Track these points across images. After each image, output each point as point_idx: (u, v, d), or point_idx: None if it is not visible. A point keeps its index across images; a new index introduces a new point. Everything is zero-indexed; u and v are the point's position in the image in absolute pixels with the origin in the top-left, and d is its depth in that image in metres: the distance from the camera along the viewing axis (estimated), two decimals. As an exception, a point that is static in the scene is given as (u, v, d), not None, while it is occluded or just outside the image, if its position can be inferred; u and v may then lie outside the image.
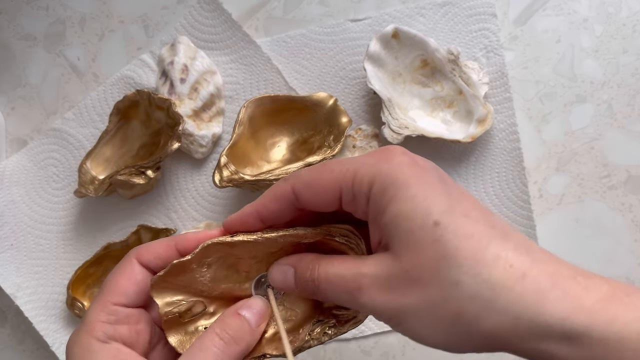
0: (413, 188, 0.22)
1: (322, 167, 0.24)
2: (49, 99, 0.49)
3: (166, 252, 0.26)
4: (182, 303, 0.27)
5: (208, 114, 0.45)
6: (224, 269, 0.28)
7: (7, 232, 0.47)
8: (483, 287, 0.20)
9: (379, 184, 0.22)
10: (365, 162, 0.23)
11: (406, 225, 0.21)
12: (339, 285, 0.24)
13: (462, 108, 0.42)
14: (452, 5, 0.44)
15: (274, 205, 0.25)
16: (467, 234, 0.21)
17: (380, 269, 0.22)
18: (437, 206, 0.21)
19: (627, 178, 0.43)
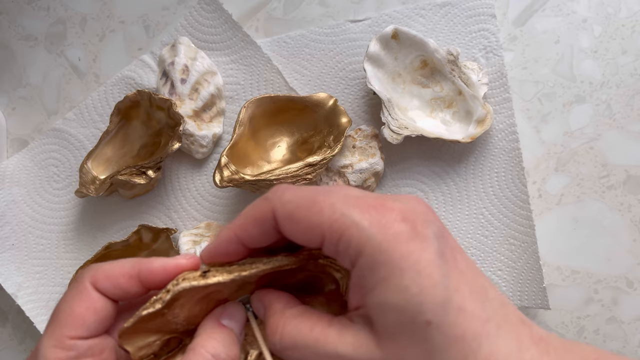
0: (407, 277, 0.20)
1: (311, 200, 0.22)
2: (49, 99, 0.49)
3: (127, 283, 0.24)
4: (156, 343, 0.25)
5: (208, 114, 0.45)
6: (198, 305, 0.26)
7: (8, 232, 0.47)
8: None
9: (368, 257, 0.20)
10: (358, 223, 0.21)
11: (396, 318, 0.20)
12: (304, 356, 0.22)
13: (461, 108, 0.43)
14: (452, 6, 0.44)
15: (255, 229, 0.23)
16: (459, 335, 0.20)
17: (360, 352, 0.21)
18: (431, 302, 0.20)
19: (626, 178, 0.43)
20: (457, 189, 0.43)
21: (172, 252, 0.44)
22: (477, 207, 0.43)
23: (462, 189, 0.43)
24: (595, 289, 0.42)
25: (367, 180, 0.43)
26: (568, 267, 0.43)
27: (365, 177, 0.42)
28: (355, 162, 0.42)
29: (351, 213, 0.21)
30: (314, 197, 0.22)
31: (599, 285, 0.42)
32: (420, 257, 0.20)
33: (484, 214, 0.43)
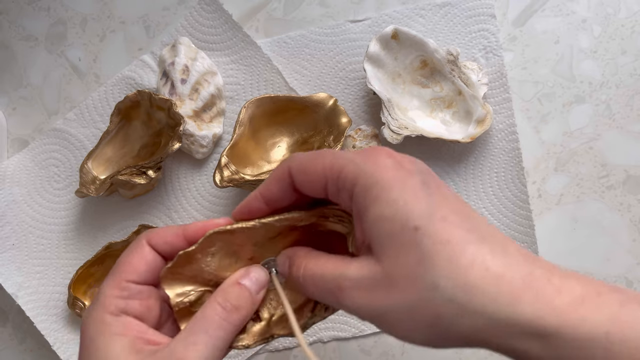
0: (394, 192, 0.22)
1: (317, 154, 0.25)
2: (50, 100, 0.49)
3: (174, 239, 0.27)
4: (192, 293, 0.28)
5: (209, 115, 0.45)
6: (228, 257, 0.29)
7: (8, 232, 0.47)
8: (459, 290, 0.21)
9: (362, 184, 0.23)
10: (353, 160, 0.24)
11: (387, 228, 0.22)
12: (321, 286, 0.25)
13: (461, 108, 0.43)
14: (452, 6, 0.44)
15: (275, 187, 0.26)
16: (444, 239, 0.22)
17: (363, 272, 0.23)
18: (417, 211, 0.22)
19: (625, 178, 0.43)
20: (457, 189, 0.43)
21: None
22: (477, 207, 0.43)
23: (462, 189, 0.43)
24: (594, 288, 0.42)
25: (367, 180, 0.43)
26: (568, 267, 0.42)
27: (365, 177, 0.42)
28: (355, 162, 0.42)
29: (347, 155, 0.24)
30: (319, 152, 0.25)
31: (598, 285, 0.42)
32: (405, 181, 0.23)
33: (483, 213, 0.43)
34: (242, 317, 0.26)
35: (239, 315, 0.26)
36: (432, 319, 0.21)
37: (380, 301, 0.22)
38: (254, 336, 0.28)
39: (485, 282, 0.21)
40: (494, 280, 0.21)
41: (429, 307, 0.21)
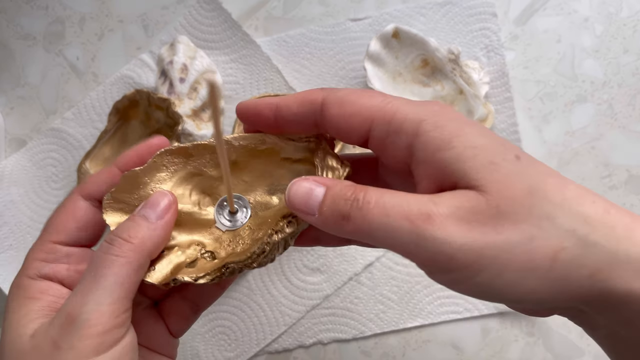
0: (476, 126, 0.20)
1: (362, 92, 0.22)
2: (48, 99, 0.49)
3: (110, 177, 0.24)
4: None
5: (207, 114, 0.45)
6: (182, 185, 0.25)
7: (6, 232, 0.47)
8: (578, 221, 0.18)
9: (430, 122, 0.20)
10: (410, 102, 0.21)
11: (487, 157, 0.19)
12: (397, 212, 0.19)
13: (462, 107, 0.42)
14: (453, 4, 0.44)
15: (297, 107, 0.22)
16: (546, 171, 0.19)
17: (461, 202, 0.19)
18: (509, 145, 0.20)
19: (627, 178, 0.43)
20: (458, 189, 0.43)
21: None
22: (478, 207, 0.43)
23: (463, 189, 0.43)
24: (597, 289, 0.42)
25: (368, 180, 0.42)
26: (570, 268, 0.42)
27: (365, 177, 0.42)
28: (355, 161, 0.42)
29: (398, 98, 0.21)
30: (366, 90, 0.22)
31: (600, 286, 0.42)
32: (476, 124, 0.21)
33: (485, 214, 0.42)
34: (139, 248, 0.22)
35: (134, 247, 0.22)
36: (552, 256, 0.18)
37: (488, 235, 0.18)
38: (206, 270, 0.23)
39: (599, 214, 0.18)
40: (605, 213, 0.19)
41: (549, 239, 0.18)
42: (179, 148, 0.24)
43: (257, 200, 0.26)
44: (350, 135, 0.22)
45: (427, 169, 0.20)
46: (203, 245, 0.25)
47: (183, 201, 0.25)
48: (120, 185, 0.24)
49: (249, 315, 0.44)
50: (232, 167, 0.25)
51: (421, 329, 0.42)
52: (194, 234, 0.25)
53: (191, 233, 0.25)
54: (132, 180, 0.24)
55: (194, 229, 0.25)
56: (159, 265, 0.23)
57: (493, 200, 0.18)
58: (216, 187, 0.26)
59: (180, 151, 0.24)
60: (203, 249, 0.25)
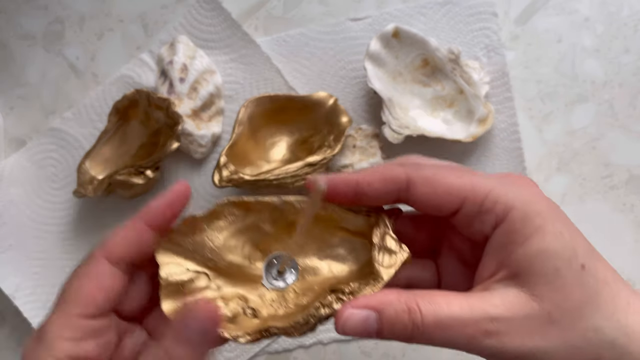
0: (558, 224, 0.21)
1: (448, 168, 0.23)
2: (48, 99, 0.49)
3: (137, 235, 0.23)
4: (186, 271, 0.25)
5: (207, 114, 0.45)
6: (236, 237, 0.26)
7: (6, 232, 0.47)
8: (620, 333, 0.21)
9: (520, 211, 0.21)
10: (501, 181, 0.22)
11: (554, 264, 0.21)
12: (457, 330, 0.20)
13: (462, 107, 0.42)
14: (453, 4, 0.44)
15: (380, 185, 0.23)
16: (605, 279, 0.21)
17: (515, 311, 0.21)
18: (582, 247, 0.21)
19: (628, 178, 0.43)
20: (459, 189, 0.43)
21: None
22: (479, 207, 0.43)
23: (464, 189, 0.43)
24: (597, 289, 0.42)
25: (368, 180, 0.42)
26: (570, 268, 0.42)
27: (365, 177, 0.42)
28: (355, 161, 0.42)
29: (490, 176, 0.22)
30: (450, 166, 0.23)
31: (601, 286, 0.42)
32: (561, 213, 0.22)
33: (485, 214, 0.42)
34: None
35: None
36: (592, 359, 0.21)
37: (534, 341, 0.20)
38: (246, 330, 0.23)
39: (638, 325, 0.21)
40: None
41: (590, 349, 0.20)
42: (242, 201, 0.25)
43: (307, 264, 0.26)
44: (439, 211, 0.23)
45: (493, 256, 0.22)
46: (246, 300, 0.25)
47: (235, 252, 0.26)
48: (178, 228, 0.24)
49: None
50: (287, 227, 0.26)
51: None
52: (239, 287, 0.26)
53: (236, 286, 0.26)
54: (191, 225, 0.24)
55: (240, 282, 0.26)
56: None
57: (546, 308, 0.20)
58: (269, 244, 0.26)
59: (243, 204, 0.25)
60: (246, 304, 0.25)
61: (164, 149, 0.42)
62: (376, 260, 0.23)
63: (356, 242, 0.26)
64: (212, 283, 0.25)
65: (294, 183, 0.40)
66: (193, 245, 0.25)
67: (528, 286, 0.21)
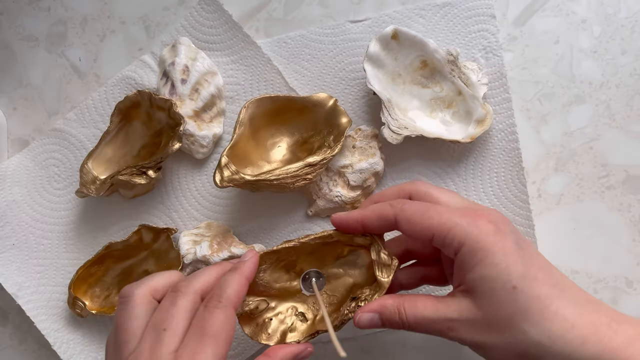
0: (497, 256, 0.29)
1: (424, 212, 0.31)
2: (50, 100, 0.49)
3: (245, 288, 0.33)
4: (250, 303, 0.37)
5: (209, 115, 0.45)
6: (277, 271, 0.37)
7: (8, 231, 0.47)
8: (544, 336, 0.28)
9: (468, 247, 0.30)
10: (459, 223, 0.30)
11: (490, 286, 0.29)
12: (429, 326, 0.31)
13: (461, 108, 0.43)
14: (451, 6, 0.44)
15: (377, 222, 0.33)
16: (535, 295, 0.29)
17: (465, 315, 0.30)
18: (515, 273, 0.29)
19: (625, 178, 0.43)
20: (457, 189, 0.43)
21: (173, 252, 0.44)
22: (477, 207, 0.43)
23: (462, 189, 0.43)
24: (594, 288, 0.42)
25: (367, 180, 0.43)
26: (568, 267, 0.43)
27: (365, 177, 0.42)
28: (355, 162, 0.42)
29: (454, 217, 0.31)
30: (427, 209, 0.32)
31: (598, 285, 0.42)
32: (504, 244, 0.30)
33: (483, 214, 0.43)
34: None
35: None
36: (521, 353, 0.29)
37: (481, 336, 0.30)
38: (302, 333, 0.36)
39: (564, 330, 0.28)
40: (569, 328, 0.28)
41: (519, 345, 0.29)
42: (272, 250, 0.36)
43: (329, 271, 0.38)
44: (419, 239, 0.33)
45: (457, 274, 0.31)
46: (296, 308, 0.38)
47: (278, 280, 0.38)
48: None
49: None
50: (310, 254, 0.38)
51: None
52: (289, 302, 0.38)
53: (286, 301, 0.38)
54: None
55: (288, 298, 0.38)
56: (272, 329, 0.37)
57: (486, 317, 0.30)
58: (296, 265, 0.38)
59: (273, 252, 0.36)
60: (296, 311, 0.37)
61: (165, 149, 0.42)
62: (378, 275, 0.34)
63: (360, 252, 0.37)
64: (270, 304, 0.37)
65: (294, 183, 0.40)
66: (252, 285, 0.36)
67: (474, 300, 0.30)
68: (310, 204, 0.44)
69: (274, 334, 0.36)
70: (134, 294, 0.31)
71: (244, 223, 0.45)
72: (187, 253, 0.42)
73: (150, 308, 0.31)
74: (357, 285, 0.37)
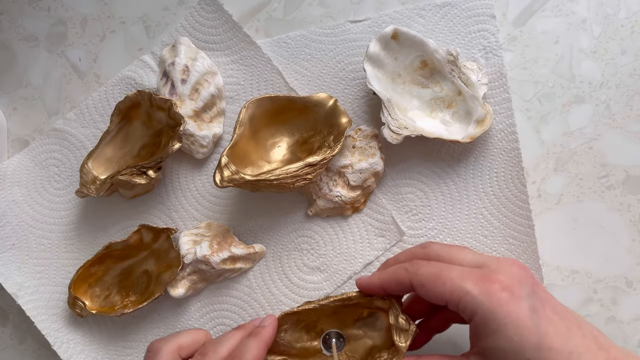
0: (509, 328, 0.29)
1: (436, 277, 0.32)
2: (50, 100, 0.49)
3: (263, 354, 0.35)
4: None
5: (209, 115, 0.45)
6: (297, 331, 0.39)
7: (8, 231, 0.47)
8: None
9: (480, 316, 0.30)
10: (470, 292, 0.30)
11: (504, 358, 0.29)
12: None
13: (461, 108, 0.43)
14: (451, 6, 0.44)
15: (394, 286, 0.34)
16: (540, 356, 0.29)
17: None
18: (528, 345, 0.29)
19: (625, 178, 0.43)
20: (457, 189, 0.43)
21: (173, 252, 0.44)
22: (477, 207, 0.43)
23: (462, 189, 0.43)
24: (594, 288, 0.42)
25: (367, 180, 0.43)
26: (567, 267, 0.43)
27: (365, 177, 0.42)
28: (355, 162, 0.42)
29: (466, 285, 0.31)
30: (439, 273, 0.32)
31: (598, 285, 0.42)
32: (518, 314, 0.29)
33: (483, 214, 0.43)
34: None
35: None
36: None
37: None
38: None
39: None
40: None
41: None
42: (293, 312, 0.38)
43: (349, 333, 0.39)
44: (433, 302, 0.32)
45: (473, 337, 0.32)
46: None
47: (299, 340, 0.39)
48: None
49: (250, 313, 0.44)
50: (330, 316, 0.39)
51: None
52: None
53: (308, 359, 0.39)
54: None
55: (308, 357, 0.39)
56: None
57: None
58: (319, 327, 0.39)
59: (294, 313, 0.38)
60: None
61: (165, 149, 0.42)
62: (396, 340, 0.35)
63: (379, 314, 0.38)
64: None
65: (294, 183, 0.40)
66: (273, 344, 0.38)
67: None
68: (310, 204, 0.44)
69: None
70: (162, 349, 0.33)
71: (244, 223, 0.45)
72: (187, 253, 0.42)
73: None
74: (376, 348, 0.38)
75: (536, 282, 0.32)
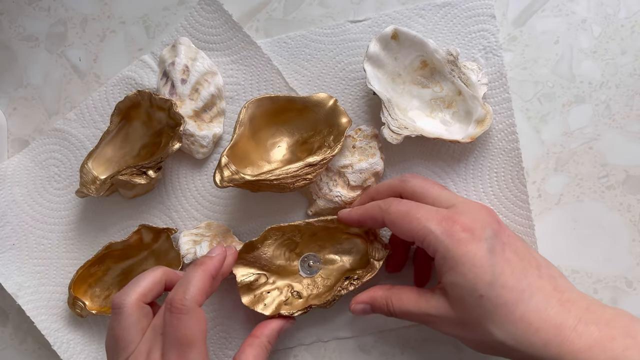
0: (466, 266, 0.32)
1: (404, 216, 0.35)
2: (50, 100, 0.49)
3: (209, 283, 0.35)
4: (251, 275, 0.40)
5: (209, 115, 0.45)
6: (279, 248, 0.41)
7: (8, 231, 0.47)
8: (509, 338, 0.31)
9: (440, 254, 0.33)
10: (433, 231, 0.33)
11: (460, 293, 0.32)
12: (413, 317, 0.36)
13: (461, 108, 0.43)
14: (451, 6, 0.44)
15: (370, 222, 0.38)
16: (502, 302, 0.31)
17: (441, 312, 0.34)
18: (482, 282, 0.31)
19: (625, 178, 0.43)
20: (457, 189, 0.43)
21: (173, 252, 0.44)
22: (477, 207, 0.43)
23: (462, 189, 0.43)
24: (594, 288, 0.42)
25: (367, 180, 0.43)
26: (567, 267, 0.43)
27: (365, 177, 0.42)
28: (355, 162, 0.42)
29: (430, 225, 0.33)
30: (408, 212, 0.35)
31: (598, 285, 0.42)
32: (475, 254, 0.32)
33: (483, 214, 0.43)
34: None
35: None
36: (490, 347, 0.33)
37: (456, 331, 0.34)
38: (296, 307, 0.40)
39: (528, 333, 0.31)
40: (533, 332, 0.31)
41: (487, 342, 0.32)
42: (279, 226, 0.41)
43: (326, 257, 0.42)
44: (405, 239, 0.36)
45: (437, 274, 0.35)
46: (292, 287, 0.42)
47: (280, 258, 0.42)
48: (242, 249, 0.41)
49: (249, 313, 0.44)
50: (312, 236, 0.42)
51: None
52: (287, 280, 0.42)
53: (285, 279, 0.42)
54: (250, 246, 0.41)
55: (286, 276, 0.42)
56: (268, 301, 0.40)
57: (458, 317, 0.33)
58: (300, 249, 0.42)
59: (280, 228, 0.41)
60: (292, 289, 0.41)
61: (166, 149, 0.42)
62: (371, 256, 0.40)
63: (356, 240, 0.41)
64: (269, 280, 0.41)
65: (294, 183, 0.40)
66: (253, 258, 0.41)
67: (449, 300, 0.33)
68: (310, 204, 0.44)
69: (269, 305, 0.40)
70: (125, 304, 0.33)
71: (244, 223, 0.45)
72: (187, 253, 0.42)
73: (142, 314, 0.33)
74: (351, 271, 0.41)
75: (502, 227, 0.34)
